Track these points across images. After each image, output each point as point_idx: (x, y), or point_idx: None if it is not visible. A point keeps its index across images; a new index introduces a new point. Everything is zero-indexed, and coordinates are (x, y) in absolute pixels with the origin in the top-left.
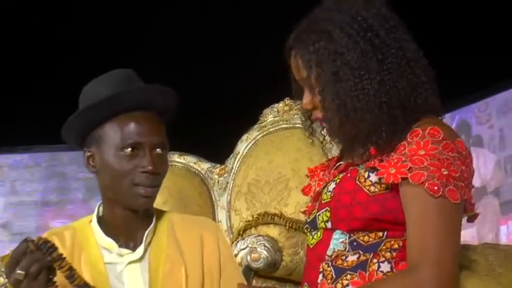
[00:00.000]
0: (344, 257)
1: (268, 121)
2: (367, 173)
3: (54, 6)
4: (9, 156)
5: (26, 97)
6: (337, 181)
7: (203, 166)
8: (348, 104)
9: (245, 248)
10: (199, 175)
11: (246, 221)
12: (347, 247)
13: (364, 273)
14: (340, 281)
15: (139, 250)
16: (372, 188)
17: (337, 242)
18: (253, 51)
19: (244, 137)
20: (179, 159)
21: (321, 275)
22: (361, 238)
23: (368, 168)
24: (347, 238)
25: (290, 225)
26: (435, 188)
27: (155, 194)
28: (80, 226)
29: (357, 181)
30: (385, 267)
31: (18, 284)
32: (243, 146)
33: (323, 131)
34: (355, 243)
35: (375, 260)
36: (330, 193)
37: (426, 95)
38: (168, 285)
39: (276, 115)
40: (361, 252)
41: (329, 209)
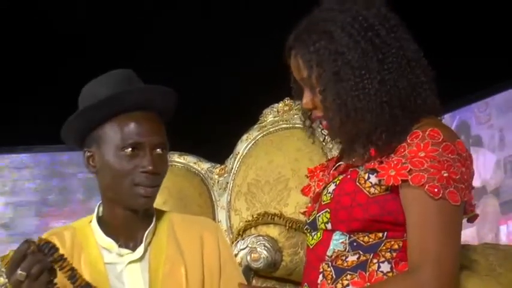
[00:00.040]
0: (344, 257)
1: (268, 121)
2: (367, 175)
3: (54, 6)
4: (9, 156)
5: (26, 97)
6: (337, 182)
7: (203, 166)
8: (349, 104)
9: (245, 248)
10: (199, 175)
11: (246, 221)
12: (347, 247)
13: (364, 273)
14: (340, 281)
15: (139, 250)
16: (372, 190)
17: (337, 243)
18: (253, 51)
19: (244, 137)
20: (179, 159)
21: (321, 275)
22: (361, 239)
23: (368, 169)
24: (347, 239)
25: (290, 225)
26: (435, 190)
27: (155, 194)
28: (80, 226)
29: (357, 183)
30: (385, 267)
31: (19, 285)
32: (243, 146)
33: (323, 131)
34: (355, 243)
35: (375, 260)
36: (330, 194)
37: (425, 95)
38: (168, 285)
39: (276, 115)
40: (361, 252)
41: (329, 211)
